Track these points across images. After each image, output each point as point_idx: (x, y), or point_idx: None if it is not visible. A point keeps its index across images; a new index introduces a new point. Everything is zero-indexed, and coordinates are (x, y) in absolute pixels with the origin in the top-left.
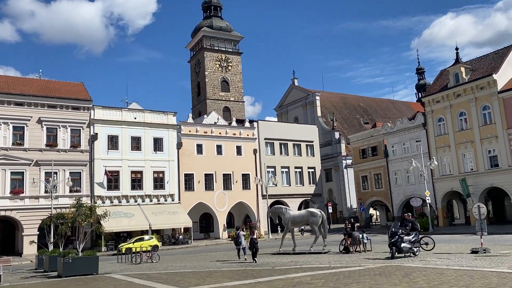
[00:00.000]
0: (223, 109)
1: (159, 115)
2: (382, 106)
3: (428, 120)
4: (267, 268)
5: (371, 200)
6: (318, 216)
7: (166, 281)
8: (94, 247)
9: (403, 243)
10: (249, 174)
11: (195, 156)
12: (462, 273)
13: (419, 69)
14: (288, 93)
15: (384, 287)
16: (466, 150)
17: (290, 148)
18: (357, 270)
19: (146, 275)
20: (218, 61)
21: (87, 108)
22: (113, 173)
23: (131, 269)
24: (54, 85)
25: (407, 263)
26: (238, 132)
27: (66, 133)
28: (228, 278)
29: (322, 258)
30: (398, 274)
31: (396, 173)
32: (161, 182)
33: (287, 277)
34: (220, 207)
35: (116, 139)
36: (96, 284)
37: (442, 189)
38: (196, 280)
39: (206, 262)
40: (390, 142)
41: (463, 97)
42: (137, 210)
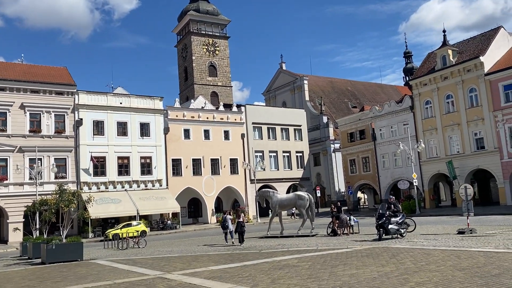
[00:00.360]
0: (211, 94)
1: (145, 100)
2: (370, 90)
3: (415, 103)
4: (254, 251)
5: (359, 184)
6: (305, 199)
7: (151, 266)
8: (81, 233)
9: (390, 224)
10: (237, 159)
11: (182, 141)
12: (449, 253)
13: (407, 53)
14: (276, 77)
15: (371, 268)
16: (452, 133)
17: (278, 132)
18: (345, 252)
19: (132, 261)
20: (205, 45)
21: (71, 93)
22: (99, 159)
23: (117, 254)
24: (37, 69)
25: (395, 244)
26: (226, 117)
27: (50, 118)
28: (214, 262)
29: (310, 241)
30: (385, 255)
31: (384, 156)
32: (148, 167)
33: (274, 260)
34: (208, 192)
35: (102, 125)
36: (79, 270)
37: (429, 172)
38: (182, 265)
39: (193, 246)
40: (378, 125)
41: (450, 80)
42: (124, 196)
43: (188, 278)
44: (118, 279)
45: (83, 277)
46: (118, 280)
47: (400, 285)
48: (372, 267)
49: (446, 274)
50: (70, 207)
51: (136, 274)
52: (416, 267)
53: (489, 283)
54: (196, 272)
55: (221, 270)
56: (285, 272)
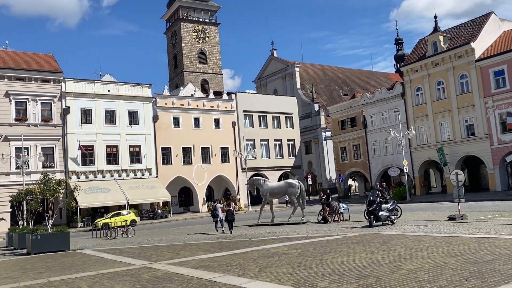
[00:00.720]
0: (201, 81)
1: (133, 87)
2: (361, 77)
3: (406, 89)
4: (244, 239)
5: (350, 171)
6: (296, 187)
7: (138, 255)
8: (71, 223)
9: (381, 211)
10: (228, 147)
11: (172, 129)
12: (441, 239)
13: (398, 40)
14: (267, 64)
15: (361, 255)
16: (443, 119)
17: (269, 120)
18: (335, 239)
19: (119, 250)
20: (195, 32)
21: (57, 80)
22: (88, 147)
23: (105, 244)
24: (22, 56)
25: (385, 231)
26: (216, 105)
27: (36, 106)
28: (203, 250)
29: (300, 228)
30: (376, 242)
31: (375, 143)
32: (137, 156)
33: (263, 248)
34: (199, 181)
35: (90, 113)
36: (64, 261)
37: (420, 159)
38: (170, 254)
39: (183, 235)
40: (369, 112)
41: (441, 66)
42: (113, 185)
43: (175, 268)
44: (103, 269)
45: (68, 268)
46: (103, 271)
47: (392, 272)
48: (362, 254)
49: (438, 261)
50: (56, 196)
51: (122, 264)
52: (407, 254)
53: (482, 270)
54: (184, 262)
55: (209, 259)
56: (274, 260)
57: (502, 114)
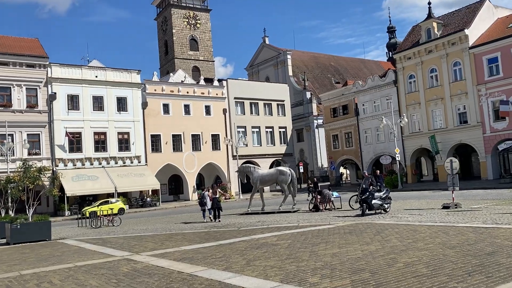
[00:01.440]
0: (192, 68)
1: (122, 73)
2: (353, 66)
3: (399, 77)
4: (232, 229)
5: (342, 159)
6: (287, 175)
7: (121, 246)
8: (58, 211)
9: (374, 199)
10: (218, 135)
11: (161, 116)
12: (437, 229)
13: (390, 28)
14: (259, 52)
15: (355, 246)
16: (436, 107)
17: (260, 107)
18: (326, 228)
19: (102, 240)
20: (186, 18)
21: (43, 65)
22: (75, 134)
23: (89, 233)
24: (6, 40)
25: (378, 220)
26: (207, 91)
27: (21, 92)
28: (188, 241)
29: (291, 217)
30: (369, 232)
31: (367, 131)
32: (126, 143)
33: (252, 239)
34: (189, 169)
35: (77, 99)
36: (42, 251)
37: (412, 147)
38: (153, 244)
39: (170, 224)
40: (361, 100)
41: (435, 53)
42: (101, 173)
43: (156, 260)
44: (81, 261)
45: (44, 259)
46: (80, 263)
47: (388, 266)
48: (356, 245)
49: (436, 253)
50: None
51: (102, 255)
52: (403, 245)
53: (484, 263)
54: (167, 253)
55: (193, 251)
56: (262, 252)
57: (495, 102)
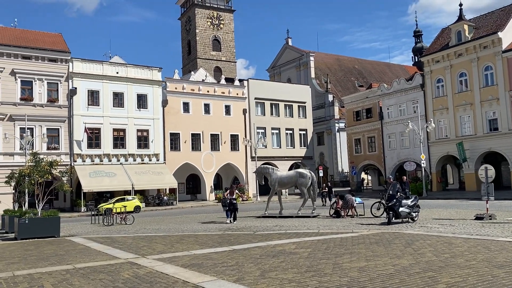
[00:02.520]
0: (214, 69)
1: (143, 70)
2: (378, 69)
3: (426, 81)
4: (247, 232)
5: (364, 164)
6: (307, 177)
7: (128, 246)
8: (74, 206)
9: (401, 207)
10: (238, 135)
11: (181, 115)
12: (474, 243)
13: (417, 32)
14: (282, 53)
15: (384, 260)
16: (464, 113)
17: (281, 108)
18: (350, 237)
19: (110, 239)
20: (209, 18)
21: (65, 60)
22: (94, 130)
23: (100, 231)
24: (30, 35)
25: (407, 230)
26: (227, 91)
27: (42, 86)
28: (200, 244)
29: (311, 222)
30: (398, 243)
31: (391, 136)
32: (145, 141)
33: (268, 245)
34: (208, 168)
35: (97, 95)
36: (46, 249)
37: (438, 153)
38: (162, 247)
39: (184, 224)
40: (385, 103)
41: (465, 57)
42: (119, 170)
43: (162, 266)
44: (82, 262)
45: (45, 258)
46: (80, 264)
47: (427, 286)
48: (385, 259)
49: (482, 273)
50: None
51: (106, 256)
52: (440, 260)
53: None
54: (175, 257)
55: (204, 256)
56: (279, 262)
57: None
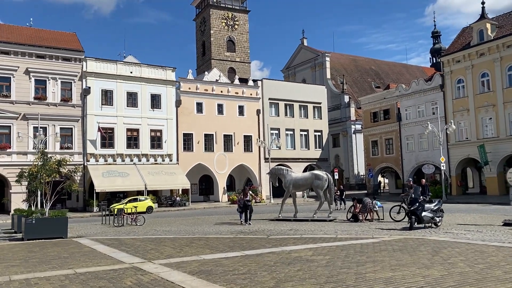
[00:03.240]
0: (228, 70)
1: (157, 70)
2: (395, 70)
3: (446, 81)
4: (260, 236)
5: (381, 166)
6: (323, 180)
7: (135, 250)
8: (87, 207)
9: (424, 211)
10: (251, 136)
11: (194, 115)
12: (510, 252)
13: (435, 33)
14: (297, 53)
15: (411, 269)
16: (486, 114)
17: (296, 109)
18: (371, 243)
19: (118, 241)
20: (224, 19)
21: (78, 59)
22: (107, 130)
23: (109, 232)
24: (44, 34)
25: (431, 236)
26: (241, 91)
27: (56, 85)
28: (211, 248)
29: (327, 226)
30: (424, 251)
31: (409, 138)
32: (158, 141)
33: (283, 251)
34: (220, 170)
35: (111, 94)
36: (51, 251)
37: (458, 156)
38: (171, 250)
39: (195, 226)
40: (403, 105)
41: (487, 56)
42: (132, 170)
43: (168, 272)
44: (84, 266)
45: (47, 261)
46: (82, 269)
47: None
48: (412, 268)
49: None
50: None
51: (110, 260)
52: (475, 272)
53: None
54: (183, 263)
55: (214, 261)
56: (296, 270)
57: None
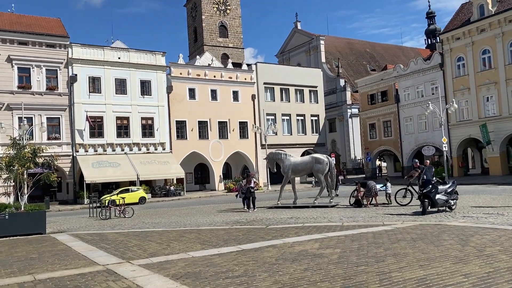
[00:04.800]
0: (222, 56)
1: (146, 55)
2: (390, 52)
3: (446, 60)
4: (258, 226)
5: (379, 150)
6: (324, 163)
7: (116, 247)
8: (77, 199)
9: (437, 194)
10: (246, 122)
11: (187, 102)
12: None
13: (430, 13)
14: (291, 37)
15: (445, 265)
16: (488, 93)
17: (291, 93)
18: (383, 231)
19: (100, 236)
20: (215, 3)
21: (63, 45)
22: (96, 119)
23: (93, 226)
24: (27, 20)
25: (449, 221)
26: (235, 76)
27: (40, 73)
28: (202, 242)
29: (330, 213)
30: (449, 240)
31: (407, 119)
32: (150, 129)
33: (284, 243)
34: (216, 157)
35: (98, 81)
36: (20, 250)
37: (459, 136)
38: (156, 246)
39: (188, 217)
40: (402, 85)
41: (488, 32)
42: (123, 160)
43: (148, 276)
44: (48, 271)
45: (8, 265)
46: (44, 274)
47: None
48: (446, 264)
49: None
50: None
51: (82, 262)
52: None
53: None
54: (167, 262)
55: (204, 260)
56: (302, 270)
57: None
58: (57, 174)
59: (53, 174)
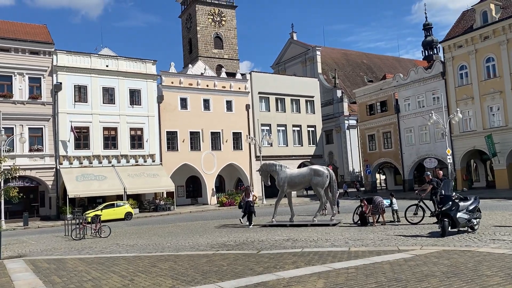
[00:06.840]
0: (216, 67)
1: (135, 63)
2: (387, 64)
3: (447, 68)
4: (248, 252)
5: (379, 162)
6: (324, 176)
7: (69, 280)
8: (60, 214)
9: (458, 212)
10: (240, 133)
11: (178, 112)
12: None
13: (427, 25)
14: (286, 48)
15: None
16: (493, 102)
17: (287, 103)
18: (402, 260)
19: (58, 264)
20: (211, 15)
21: (48, 52)
22: (82, 129)
23: (60, 248)
24: (10, 26)
25: (477, 246)
26: (229, 85)
27: (23, 81)
28: (175, 277)
29: (333, 233)
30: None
31: (408, 130)
32: (139, 140)
33: (279, 279)
34: (208, 170)
35: (85, 90)
36: None
37: (462, 148)
38: (115, 283)
39: (170, 237)
40: (402, 95)
41: (492, 40)
42: (110, 172)
43: None
44: None
45: None
46: None
47: None
48: None
49: None
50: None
51: None
52: None
53: None
54: None
55: None
56: None
57: None
58: (39, 188)
59: (14, 189)
